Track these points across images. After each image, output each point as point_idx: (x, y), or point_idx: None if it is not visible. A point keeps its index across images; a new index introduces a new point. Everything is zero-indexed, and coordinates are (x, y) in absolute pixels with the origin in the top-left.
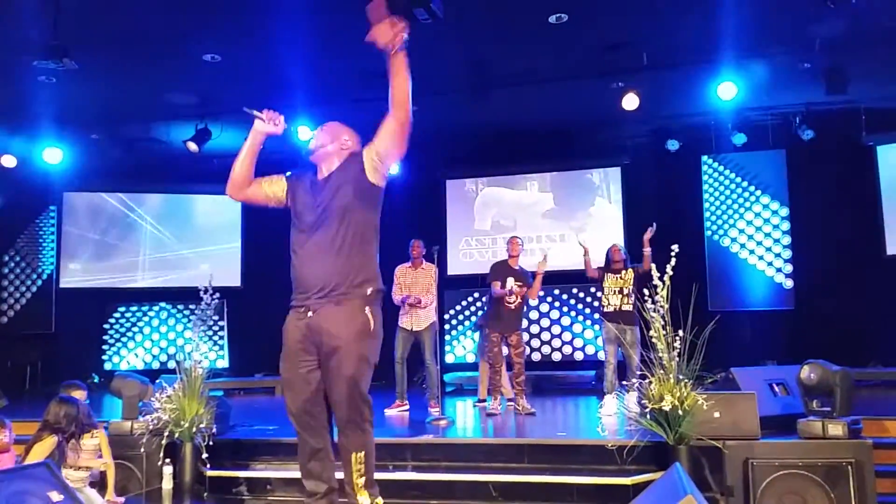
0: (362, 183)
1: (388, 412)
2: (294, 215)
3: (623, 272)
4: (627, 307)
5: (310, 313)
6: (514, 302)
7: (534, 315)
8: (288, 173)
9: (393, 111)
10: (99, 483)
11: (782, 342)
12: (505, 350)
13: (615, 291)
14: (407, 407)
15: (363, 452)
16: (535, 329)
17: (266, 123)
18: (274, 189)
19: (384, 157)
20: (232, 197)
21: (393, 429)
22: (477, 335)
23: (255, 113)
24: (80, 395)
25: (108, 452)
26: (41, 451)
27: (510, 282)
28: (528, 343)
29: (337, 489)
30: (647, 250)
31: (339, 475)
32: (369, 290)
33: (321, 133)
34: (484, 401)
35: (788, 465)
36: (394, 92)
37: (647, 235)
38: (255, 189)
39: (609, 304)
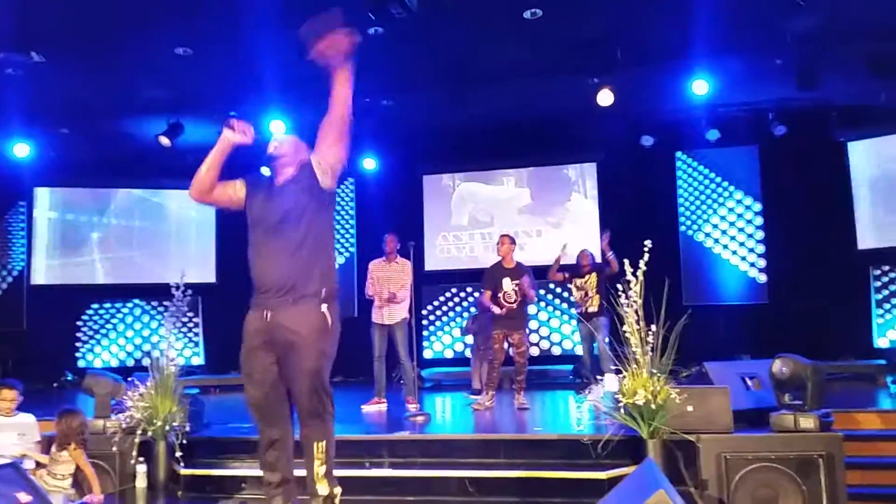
0: (316, 188)
1: (366, 409)
2: (252, 219)
3: (588, 276)
4: (593, 308)
5: (269, 313)
6: (514, 301)
7: None
8: (245, 178)
9: (333, 118)
10: (78, 485)
11: (755, 336)
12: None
13: (581, 296)
14: (384, 404)
15: (324, 442)
16: None
17: (235, 134)
18: (238, 194)
19: (331, 162)
20: (195, 199)
21: (370, 425)
22: (469, 338)
23: (226, 123)
24: (6, 394)
25: (87, 467)
26: None
27: (507, 283)
28: None
29: (293, 481)
30: (610, 255)
31: (299, 472)
32: (324, 290)
33: (285, 146)
34: (479, 391)
35: (761, 458)
36: (337, 101)
37: (604, 243)
38: (219, 192)
39: (578, 303)
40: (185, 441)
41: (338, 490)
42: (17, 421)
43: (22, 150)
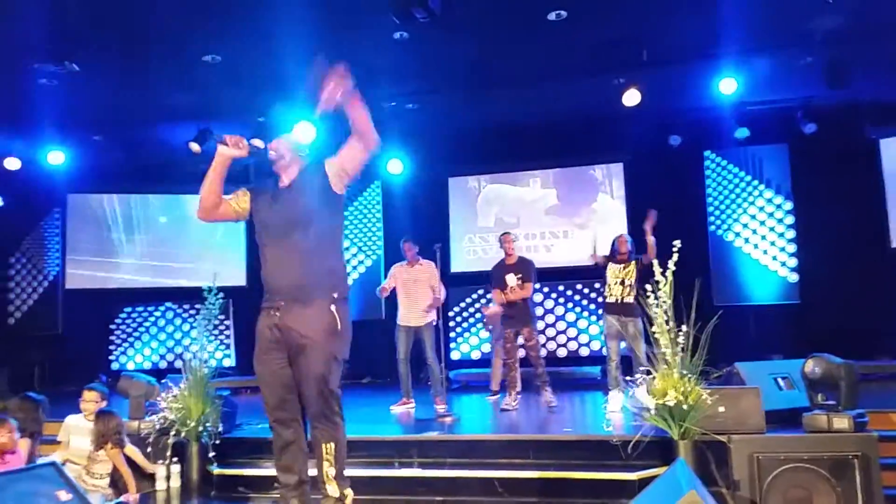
0: (326, 192)
1: (394, 409)
2: (260, 224)
3: (626, 263)
4: (629, 299)
5: (279, 314)
6: (518, 297)
7: (538, 311)
8: (247, 186)
9: (360, 139)
10: (115, 484)
11: (788, 336)
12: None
13: (617, 282)
14: (412, 404)
15: (333, 444)
16: (540, 325)
17: (230, 148)
18: (242, 205)
19: (351, 172)
20: (203, 220)
21: (399, 426)
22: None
23: (219, 140)
24: (88, 396)
25: (123, 466)
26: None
27: (510, 278)
28: None
29: (308, 482)
30: (651, 239)
31: (314, 472)
32: (336, 294)
33: (283, 147)
34: (496, 393)
35: (794, 458)
36: (357, 127)
37: (649, 224)
38: (224, 208)
39: (611, 293)
40: (217, 441)
41: (349, 492)
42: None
43: (56, 157)
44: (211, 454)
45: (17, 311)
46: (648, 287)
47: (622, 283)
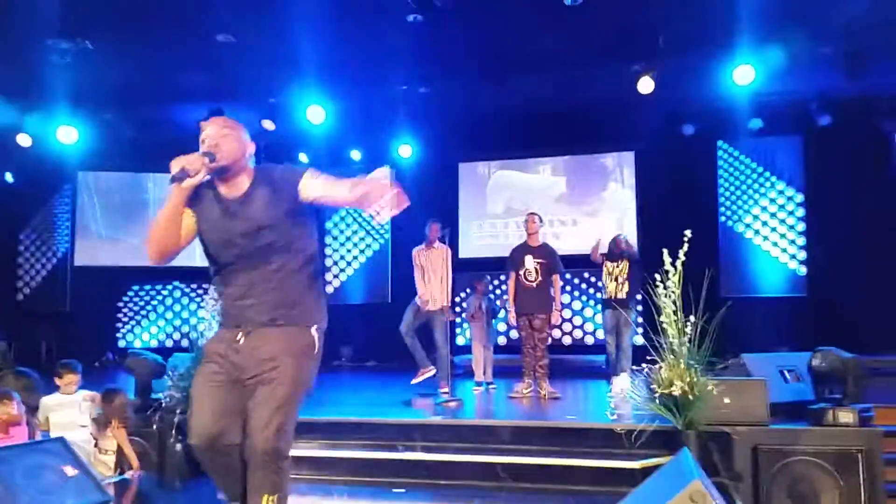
0: (293, 202)
1: (416, 381)
2: (209, 244)
3: (619, 261)
4: (622, 295)
5: (243, 337)
6: (535, 280)
7: None
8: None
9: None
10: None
11: (795, 329)
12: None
13: (611, 279)
14: (432, 370)
15: (276, 497)
16: None
17: (192, 178)
18: (192, 229)
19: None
20: (158, 263)
21: (403, 409)
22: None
23: (179, 177)
24: (70, 378)
25: (126, 445)
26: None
27: (528, 260)
28: None
29: None
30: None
31: None
32: (314, 325)
33: (228, 149)
34: (480, 384)
35: (798, 451)
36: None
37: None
38: (182, 242)
39: (606, 290)
40: None
41: None
42: (76, 398)
43: (68, 134)
44: None
45: (25, 287)
46: (658, 277)
47: (616, 279)
